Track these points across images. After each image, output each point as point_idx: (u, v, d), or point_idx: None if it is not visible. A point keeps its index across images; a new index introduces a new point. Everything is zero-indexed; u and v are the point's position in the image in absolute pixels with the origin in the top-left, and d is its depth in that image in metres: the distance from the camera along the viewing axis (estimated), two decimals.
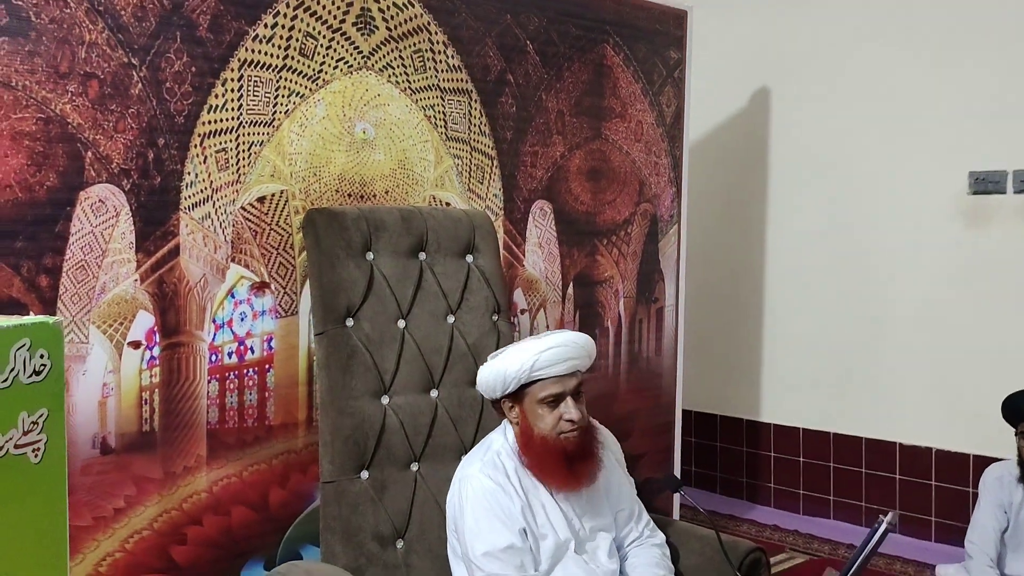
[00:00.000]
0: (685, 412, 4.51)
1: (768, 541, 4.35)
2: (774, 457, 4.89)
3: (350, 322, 2.45)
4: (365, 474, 2.41)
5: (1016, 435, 3.18)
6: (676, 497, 3.87)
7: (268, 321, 2.67)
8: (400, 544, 2.42)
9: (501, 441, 2.32)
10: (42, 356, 1.00)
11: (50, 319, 1.02)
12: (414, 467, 2.49)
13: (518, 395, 2.26)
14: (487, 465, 2.26)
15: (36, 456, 0.99)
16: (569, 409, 2.22)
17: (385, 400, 2.47)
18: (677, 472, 3.96)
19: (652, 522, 2.47)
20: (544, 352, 2.22)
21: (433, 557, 2.44)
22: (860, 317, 4.55)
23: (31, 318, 1.02)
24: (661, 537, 2.45)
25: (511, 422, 2.31)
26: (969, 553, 3.29)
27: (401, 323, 2.54)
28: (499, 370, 2.25)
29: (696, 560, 2.49)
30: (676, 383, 3.92)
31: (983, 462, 3.88)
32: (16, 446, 0.97)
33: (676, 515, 3.85)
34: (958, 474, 4.22)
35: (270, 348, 2.69)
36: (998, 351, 4.10)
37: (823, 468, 4.71)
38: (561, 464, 2.23)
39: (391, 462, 2.45)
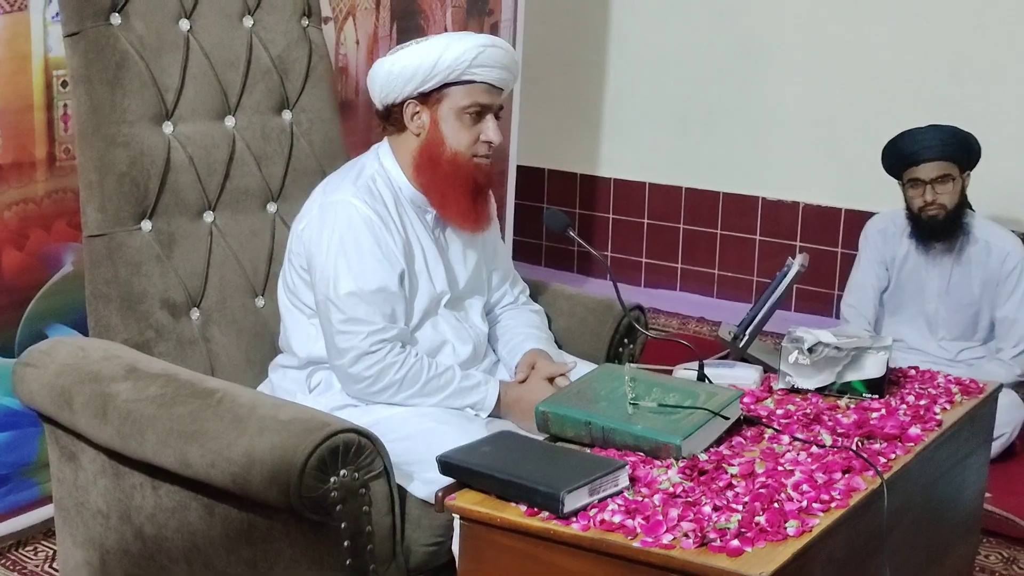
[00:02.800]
0: None
1: None
2: (613, 219, 5.18)
3: (116, 19, 2.32)
4: (147, 224, 2.36)
5: (903, 184, 3.52)
6: None
7: None
8: (195, 314, 2.42)
9: (376, 167, 2.34)
10: None
11: None
12: (208, 217, 2.47)
13: (433, 97, 2.27)
14: (362, 190, 2.28)
15: None
16: (490, 129, 2.27)
17: (168, 128, 2.40)
18: (509, 239, 4.13)
19: (528, 290, 2.63)
20: (490, 47, 2.24)
21: (238, 330, 2.47)
22: (726, 46, 4.77)
23: None
24: (539, 307, 2.61)
25: (406, 131, 2.31)
26: (845, 317, 3.69)
27: (184, 23, 2.43)
28: (427, 55, 2.22)
29: (566, 323, 2.67)
30: (511, 126, 4.02)
31: (856, 218, 4.31)
32: None
33: None
34: (826, 232, 4.66)
35: None
36: (882, 90, 4.45)
37: (671, 231, 5.05)
38: (467, 193, 2.30)
39: (179, 210, 2.41)
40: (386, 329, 2.22)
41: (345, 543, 1.95)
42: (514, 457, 1.79)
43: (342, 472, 1.92)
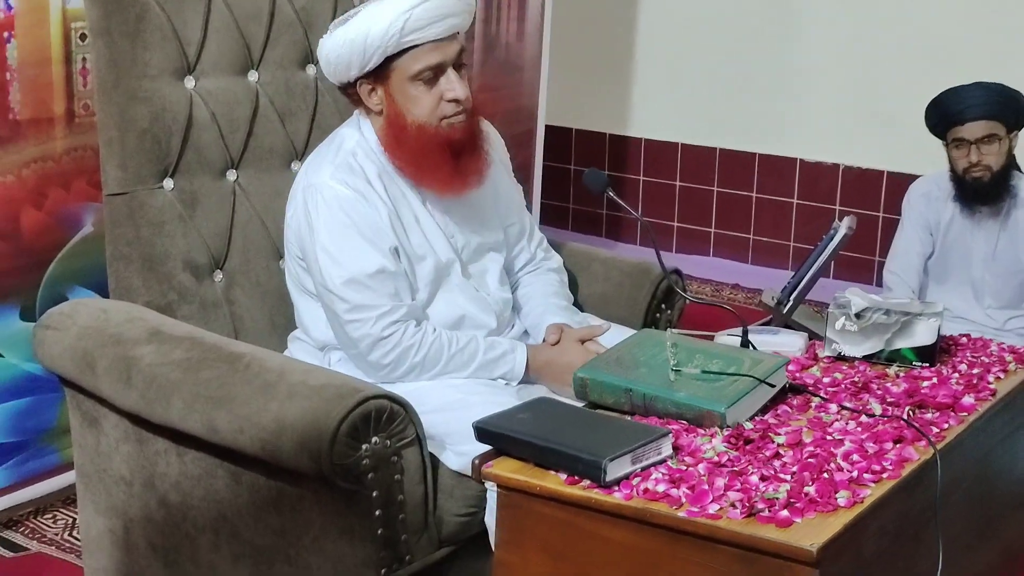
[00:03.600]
0: None
1: None
2: (643, 181, 5.15)
3: None
4: (169, 183, 2.37)
5: (947, 145, 3.49)
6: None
7: None
8: (219, 276, 2.43)
9: (356, 138, 2.31)
10: None
11: None
12: (231, 175, 2.47)
13: (381, 73, 2.23)
14: (341, 169, 2.25)
15: None
16: (452, 85, 2.21)
17: (190, 83, 2.40)
18: (537, 201, 4.12)
19: (546, 241, 2.59)
20: (417, 7, 2.15)
21: (262, 292, 2.48)
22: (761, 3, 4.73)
23: None
24: (558, 260, 2.58)
25: (371, 111, 2.29)
26: (888, 284, 3.66)
27: None
28: (354, 38, 2.19)
29: (602, 287, 2.66)
30: (539, 80, 4.00)
31: (899, 181, 4.27)
32: None
33: None
34: (868, 196, 4.63)
35: (8, 8, 2.53)
36: (926, 46, 4.41)
37: (704, 193, 5.02)
38: (446, 159, 2.25)
39: (202, 168, 2.42)
40: (394, 310, 2.20)
41: (376, 512, 1.96)
42: (553, 424, 1.78)
43: (374, 439, 1.92)
